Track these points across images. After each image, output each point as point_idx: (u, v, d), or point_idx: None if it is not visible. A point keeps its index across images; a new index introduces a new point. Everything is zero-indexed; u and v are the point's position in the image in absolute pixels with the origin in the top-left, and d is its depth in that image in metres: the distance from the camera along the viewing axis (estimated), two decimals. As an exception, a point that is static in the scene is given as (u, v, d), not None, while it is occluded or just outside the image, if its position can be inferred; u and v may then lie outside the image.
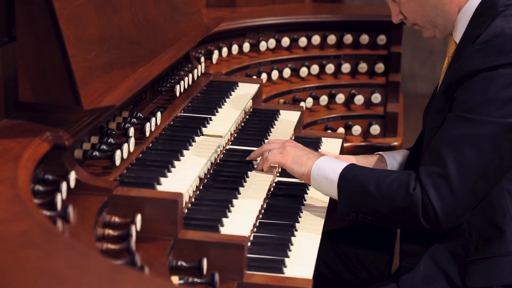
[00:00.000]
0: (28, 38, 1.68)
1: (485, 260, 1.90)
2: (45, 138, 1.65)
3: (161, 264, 1.59)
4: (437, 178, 1.83)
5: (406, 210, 1.86)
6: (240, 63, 3.08)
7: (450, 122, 1.87)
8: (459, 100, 1.87)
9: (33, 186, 1.55)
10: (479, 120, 1.81)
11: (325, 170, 1.97)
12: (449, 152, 1.83)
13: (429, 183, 1.83)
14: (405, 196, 1.85)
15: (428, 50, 6.24)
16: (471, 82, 1.84)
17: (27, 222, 1.29)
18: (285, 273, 1.73)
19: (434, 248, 1.96)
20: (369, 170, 1.97)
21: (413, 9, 2.01)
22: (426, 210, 1.83)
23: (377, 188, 1.89)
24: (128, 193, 1.69)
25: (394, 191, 1.87)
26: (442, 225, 1.84)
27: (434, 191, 1.82)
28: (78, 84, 1.68)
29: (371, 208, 1.91)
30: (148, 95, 2.29)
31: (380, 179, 1.89)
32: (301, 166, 2.01)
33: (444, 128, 1.87)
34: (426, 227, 1.85)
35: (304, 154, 2.03)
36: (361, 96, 3.30)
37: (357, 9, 3.56)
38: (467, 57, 1.86)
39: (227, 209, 1.85)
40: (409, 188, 1.85)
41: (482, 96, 1.82)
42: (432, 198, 1.82)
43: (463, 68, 1.86)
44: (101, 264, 1.16)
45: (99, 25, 1.86)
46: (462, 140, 1.82)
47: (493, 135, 1.81)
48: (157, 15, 2.30)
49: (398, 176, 1.89)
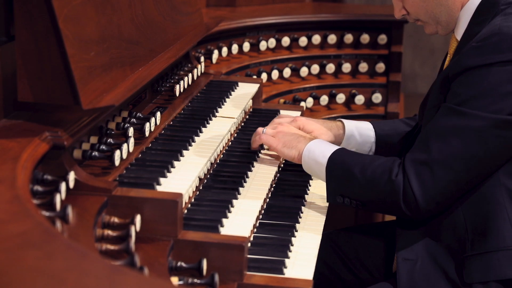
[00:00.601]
0: (27, 38, 1.68)
1: (481, 255, 1.90)
2: (44, 138, 1.65)
3: (160, 265, 1.58)
4: (420, 165, 1.86)
5: (388, 196, 1.90)
6: (240, 62, 3.07)
7: (442, 113, 1.90)
8: (452, 92, 1.90)
9: (32, 186, 1.55)
10: (469, 114, 1.84)
11: (315, 153, 2.02)
12: (435, 141, 1.86)
13: (412, 169, 1.87)
14: (387, 182, 1.89)
15: (429, 49, 6.22)
16: (465, 76, 1.86)
17: (26, 223, 1.28)
18: (285, 274, 1.72)
19: (431, 244, 1.97)
20: (357, 155, 2.01)
21: (417, 4, 2.02)
22: (406, 197, 1.87)
23: (362, 173, 1.93)
24: (128, 193, 1.68)
25: (378, 176, 1.91)
26: (422, 211, 1.88)
27: (415, 177, 1.86)
28: (77, 84, 1.67)
29: (356, 192, 1.96)
30: (148, 95, 2.29)
31: (366, 164, 1.94)
32: (291, 149, 2.07)
33: (435, 118, 1.90)
34: (407, 214, 1.89)
35: (295, 137, 2.08)
36: (361, 96, 3.29)
37: (358, 8, 3.56)
38: (464, 54, 1.88)
39: (227, 210, 1.84)
40: (392, 174, 1.89)
41: (475, 91, 1.85)
42: (413, 184, 1.86)
43: (459, 64, 1.88)
44: (100, 265, 1.16)
45: (99, 25, 1.86)
46: (450, 131, 1.86)
47: (481, 129, 1.84)
48: (157, 15, 2.29)
49: (383, 162, 1.93)
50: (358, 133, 2.26)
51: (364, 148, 2.28)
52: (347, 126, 2.26)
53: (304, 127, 2.22)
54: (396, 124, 2.32)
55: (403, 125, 2.32)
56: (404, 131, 2.30)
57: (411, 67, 6.35)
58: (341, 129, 2.26)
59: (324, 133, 2.23)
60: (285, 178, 2.19)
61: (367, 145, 2.28)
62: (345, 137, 2.25)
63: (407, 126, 2.32)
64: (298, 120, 2.23)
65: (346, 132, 2.26)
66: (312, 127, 2.22)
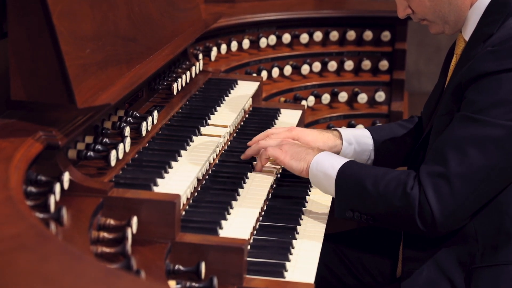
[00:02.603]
0: (20, 35, 1.66)
1: (491, 268, 1.87)
2: (37, 138, 1.63)
3: (157, 268, 1.57)
4: (437, 178, 1.79)
5: (402, 210, 1.83)
6: (239, 60, 3.06)
7: (457, 122, 1.84)
8: (468, 100, 1.84)
9: (26, 187, 1.54)
10: (487, 122, 1.78)
11: (324, 165, 1.95)
12: (452, 152, 1.80)
13: (428, 183, 1.80)
14: (402, 196, 1.82)
15: (434, 46, 6.17)
16: (481, 83, 1.81)
17: (19, 225, 1.27)
18: (286, 277, 1.71)
19: (439, 253, 1.93)
20: (369, 167, 1.95)
21: (424, 4, 1.97)
22: (422, 212, 1.80)
23: (374, 186, 1.86)
24: (124, 194, 1.67)
25: (392, 189, 1.84)
26: (438, 228, 1.80)
27: (433, 191, 1.79)
28: (72, 82, 1.66)
29: (368, 206, 1.89)
30: (145, 93, 2.27)
31: (379, 176, 1.87)
32: (300, 162, 2.00)
33: (450, 128, 1.84)
34: (422, 229, 1.82)
35: (302, 150, 2.02)
36: (364, 94, 3.27)
37: (361, 4, 3.52)
38: (479, 59, 1.83)
39: (226, 211, 1.83)
40: (407, 187, 1.82)
41: (492, 98, 1.79)
42: (430, 199, 1.79)
43: (474, 70, 1.83)
44: (96, 268, 1.15)
45: (94, 21, 1.85)
46: (468, 141, 1.79)
47: (500, 138, 1.78)
48: (154, 11, 2.29)
49: (397, 174, 1.87)
50: (356, 141, 2.22)
51: (363, 157, 2.24)
52: (344, 136, 2.21)
53: (300, 138, 2.16)
54: (393, 129, 2.27)
55: (400, 129, 2.27)
56: (402, 135, 2.25)
57: (415, 64, 6.30)
58: (338, 139, 2.21)
59: (321, 144, 2.17)
60: (286, 179, 2.18)
61: (365, 153, 2.23)
62: (343, 146, 2.20)
63: (404, 129, 2.27)
64: (294, 131, 2.17)
65: (344, 141, 2.21)
66: (308, 138, 2.16)
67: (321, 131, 2.23)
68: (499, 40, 1.82)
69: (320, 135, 2.20)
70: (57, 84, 1.67)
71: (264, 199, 1.98)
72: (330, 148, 2.19)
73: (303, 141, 2.15)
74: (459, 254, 1.90)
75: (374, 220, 1.90)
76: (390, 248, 2.20)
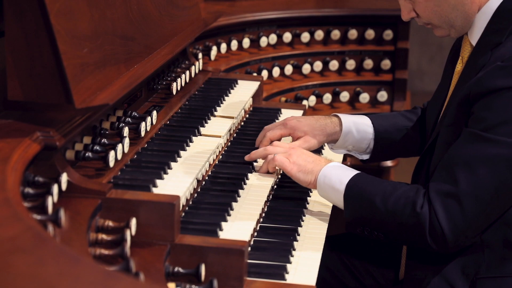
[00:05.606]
0: (17, 34, 1.65)
1: (496, 279, 1.86)
2: (35, 139, 1.63)
3: (157, 270, 1.56)
4: (447, 197, 1.78)
5: (413, 229, 1.82)
6: (239, 59, 3.06)
7: (466, 139, 1.81)
8: (476, 116, 1.81)
9: (23, 188, 1.53)
10: (497, 141, 1.76)
11: (331, 179, 1.94)
12: (462, 171, 1.78)
13: (438, 202, 1.78)
14: (411, 214, 1.81)
15: (437, 45, 6.15)
16: (490, 99, 1.78)
17: (16, 227, 1.26)
18: (287, 279, 1.70)
19: (443, 262, 1.91)
20: (376, 182, 1.92)
21: (430, 8, 1.93)
22: (433, 230, 1.79)
23: (383, 203, 1.85)
24: (123, 196, 1.66)
25: (401, 207, 1.83)
26: (449, 246, 1.80)
27: (443, 211, 1.78)
28: (70, 82, 1.65)
29: (377, 223, 1.88)
30: (143, 93, 2.26)
31: (387, 193, 1.85)
32: (307, 175, 1.98)
33: (459, 145, 1.82)
34: (433, 247, 1.82)
35: (310, 161, 1.99)
36: (366, 94, 3.27)
37: (362, 3, 3.50)
38: (489, 74, 1.79)
39: (226, 213, 1.82)
40: (416, 206, 1.81)
41: (502, 116, 1.76)
42: (441, 218, 1.78)
43: (483, 84, 1.80)
44: (94, 271, 1.14)
45: (92, 20, 1.84)
46: (477, 159, 1.77)
47: (510, 157, 1.76)
48: (153, 9, 2.28)
49: (406, 191, 1.85)
50: (356, 129, 2.20)
51: (362, 145, 2.22)
52: (344, 122, 2.19)
53: (295, 131, 2.15)
54: (396, 119, 2.26)
55: (403, 119, 2.25)
56: (404, 127, 2.23)
57: (418, 63, 6.28)
58: (337, 126, 2.19)
59: (318, 133, 2.16)
60: (287, 180, 2.16)
61: (365, 142, 2.22)
62: (342, 134, 2.19)
63: (408, 120, 2.25)
64: (288, 124, 2.15)
65: (343, 128, 2.19)
66: (305, 129, 2.14)
67: (319, 118, 2.21)
68: (510, 55, 1.78)
69: (317, 123, 2.17)
70: (55, 84, 1.66)
71: (264, 200, 1.97)
72: (329, 135, 2.17)
73: (298, 134, 2.14)
74: (465, 264, 1.89)
75: (385, 237, 1.89)
76: (393, 250, 2.18)
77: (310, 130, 2.15)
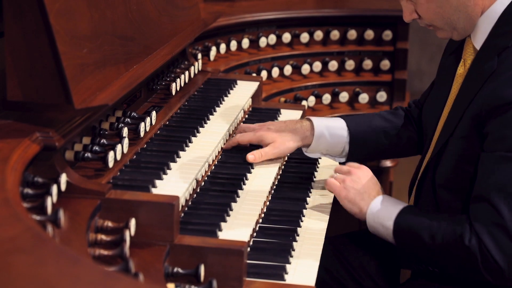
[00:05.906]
0: (16, 34, 1.65)
1: None
2: (34, 139, 1.62)
3: (156, 270, 1.56)
4: (493, 227, 1.76)
5: (465, 262, 1.81)
6: (239, 60, 3.05)
7: (493, 164, 1.78)
8: (497, 136, 1.78)
9: (22, 189, 1.52)
10: None
11: (379, 216, 1.94)
12: (499, 199, 1.76)
13: (486, 235, 1.77)
14: (461, 248, 1.80)
15: (436, 45, 6.13)
16: (508, 114, 1.75)
17: (16, 227, 1.26)
18: (286, 280, 1.71)
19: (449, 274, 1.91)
20: (423, 216, 1.89)
21: (432, 10, 1.91)
22: (486, 263, 1.78)
23: (431, 239, 1.84)
24: (122, 196, 1.66)
25: (450, 243, 1.82)
26: (506, 275, 1.78)
27: (492, 243, 1.76)
28: (69, 82, 1.64)
29: (430, 258, 1.89)
30: (143, 93, 2.26)
31: (434, 228, 1.84)
32: (353, 206, 1.98)
33: (489, 171, 1.79)
34: (490, 279, 1.80)
35: (359, 193, 1.98)
36: (365, 94, 3.26)
37: (362, 3, 3.50)
38: (502, 85, 1.76)
39: (225, 213, 1.82)
40: (465, 240, 1.79)
41: None
42: (492, 250, 1.77)
43: (497, 97, 1.77)
44: (94, 271, 1.14)
45: (91, 20, 1.83)
46: (511, 183, 1.75)
47: None
48: (152, 10, 2.27)
49: (451, 224, 1.83)
50: (328, 133, 2.17)
51: (336, 149, 2.20)
52: (316, 126, 2.17)
53: (263, 140, 2.14)
54: (373, 121, 2.22)
55: (381, 121, 2.22)
56: (381, 128, 2.20)
57: (417, 64, 6.27)
58: (308, 131, 2.17)
59: (288, 138, 2.14)
60: (286, 181, 2.17)
61: (339, 145, 2.19)
62: (315, 138, 2.17)
63: (385, 121, 2.22)
64: (258, 133, 2.15)
65: (315, 133, 2.16)
66: (273, 136, 2.13)
67: (290, 122, 2.19)
68: None
69: (287, 128, 2.16)
70: (54, 84, 1.66)
71: (264, 201, 1.97)
72: (301, 140, 2.16)
73: (266, 143, 2.13)
74: None
75: (441, 272, 1.89)
76: (392, 252, 2.18)
77: (279, 137, 2.13)
